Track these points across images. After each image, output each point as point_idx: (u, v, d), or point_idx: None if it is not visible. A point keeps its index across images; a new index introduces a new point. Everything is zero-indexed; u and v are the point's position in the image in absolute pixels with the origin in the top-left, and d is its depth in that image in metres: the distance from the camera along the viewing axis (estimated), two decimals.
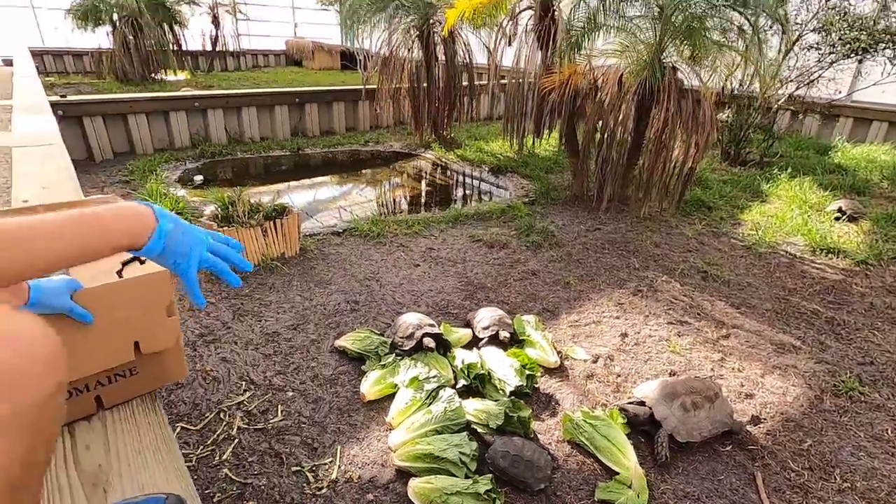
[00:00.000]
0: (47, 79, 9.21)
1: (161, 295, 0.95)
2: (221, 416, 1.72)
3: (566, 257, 3.10)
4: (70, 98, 4.59)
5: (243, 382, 1.88)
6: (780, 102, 5.44)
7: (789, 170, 4.93)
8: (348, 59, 12.83)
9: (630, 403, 1.78)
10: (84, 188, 2.45)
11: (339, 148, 5.76)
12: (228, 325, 2.21)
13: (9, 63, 9.23)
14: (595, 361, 2.11)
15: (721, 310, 2.59)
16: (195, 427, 1.66)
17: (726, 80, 4.71)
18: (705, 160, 5.29)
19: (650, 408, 1.72)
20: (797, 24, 5.27)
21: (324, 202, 4.28)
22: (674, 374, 2.06)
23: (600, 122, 3.66)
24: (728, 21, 3.39)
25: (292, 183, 4.85)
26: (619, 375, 2.04)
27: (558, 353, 2.12)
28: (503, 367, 1.92)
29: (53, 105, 4.21)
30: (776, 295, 2.76)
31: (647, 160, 3.66)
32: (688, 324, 2.44)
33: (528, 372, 1.92)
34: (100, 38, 9.93)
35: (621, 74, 3.50)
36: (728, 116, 5.55)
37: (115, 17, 9.34)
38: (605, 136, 3.63)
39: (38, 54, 10.08)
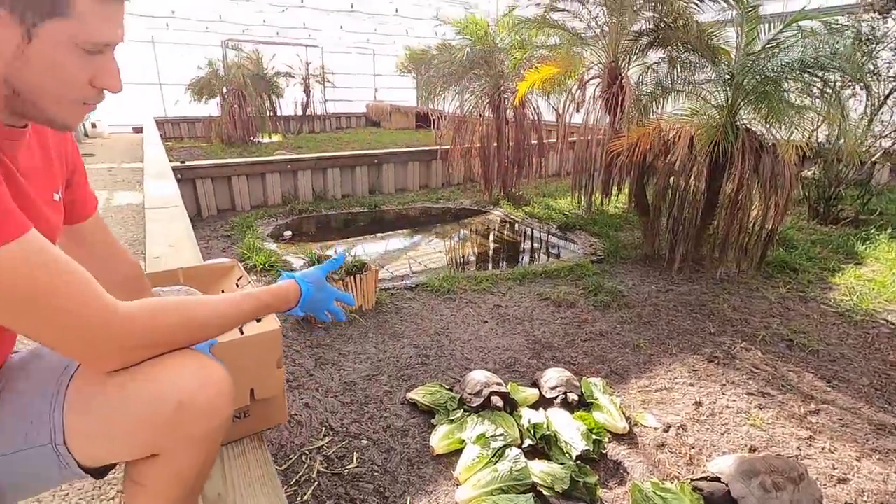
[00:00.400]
0: (167, 143, 10.68)
1: (273, 350, 1.13)
2: (303, 458, 1.86)
3: (636, 319, 3.06)
4: (187, 163, 5.32)
5: (323, 428, 2.03)
6: (876, 157, 5.12)
7: (889, 229, 4.56)
8: (422, 119, 13.67)
9: (704, 479, 1.71)
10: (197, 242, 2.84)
11: (413, 205, 6.11)
12: (311, 372, 2.41)
13: (139, 130, 10.85)
14: (666, 430, 2.06)
15: (809, 382, 2.43)
16: (280, 467, 1.81)
17: (809, 136, 4.55)
18: (789, 218, 5.04)
19: (726, 484, 1.65)
20: (890, 76, 5.04)
21: (396, 255, 4.55)
22: (753, 450, 1.95)
23: (671, 180, 3.67)
24: (807, 84, 3.34)
25: (369, 237, 5.20)
26: (693, 447, 1.97)
27: (627, 418, 2.09)
28: (569, 430, 1.93)
29: (174, 170, 4.90)
30: (875, 369, 2.54)
31: (722, 220, 3.59)
32: (770, 396, 2.31)
33: (594, 437, 1.91)
34: (210, 108, 11.43)
35: (692, 136, 3.52)
36: (814, 172, 5.29)
37: (225, 90, 10.75)
38: (677, 195, 3.62)
39: (160, 122, 11.71)
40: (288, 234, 4.87)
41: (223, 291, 1.46)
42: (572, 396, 2.12)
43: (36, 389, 0.79)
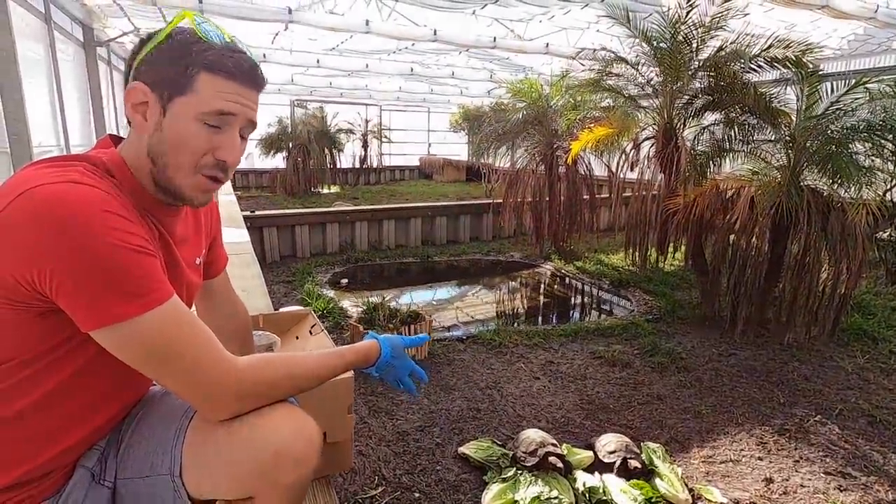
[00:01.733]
0: (236, 192, 11.52)
1: (346, 396, 1.21)
2: None
3: (696, 383, 2.93)
4: (256, 213, 5.73)
5: (376, 477, 2.05)
6: None
7: None
8: (473, 173, 14.08)
9: None
10: None
11: (463, 256, 6.23)
12: (365, 419, 2.46)
13: None
14: None
15: None
16: None
17: (884, 195, 4.34)
18: (864, 282, 4.72)
19: None
20: None
21: (447, 305, 4.61)
22: None
23: (731, 240, 3.58)
24: (877, 145, 3.24)
25: (421, 287, 5.32)
26: None
27: (690, 490, 1.98)
28: (625, 498, 1.86)
29: (245, 218, 5.29)
30: None
31: (788, 283, 3.44)
32: (852, 477, 2.13)
33: None
34: (276, 161, 12.31)
35: (752, 196, 3.46)
36: (891, 234, 4.99)
37: (291, 145, 11.59)
38: (738, 255, 3.51)
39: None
40: (344, 281, 5.07)
41: (297, 338, 1.57)
42: (634, 463, 2.04)
43: (166, 423, 0.91)
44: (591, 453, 2.18)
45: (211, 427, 0.85)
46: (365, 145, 14.83)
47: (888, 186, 4.09)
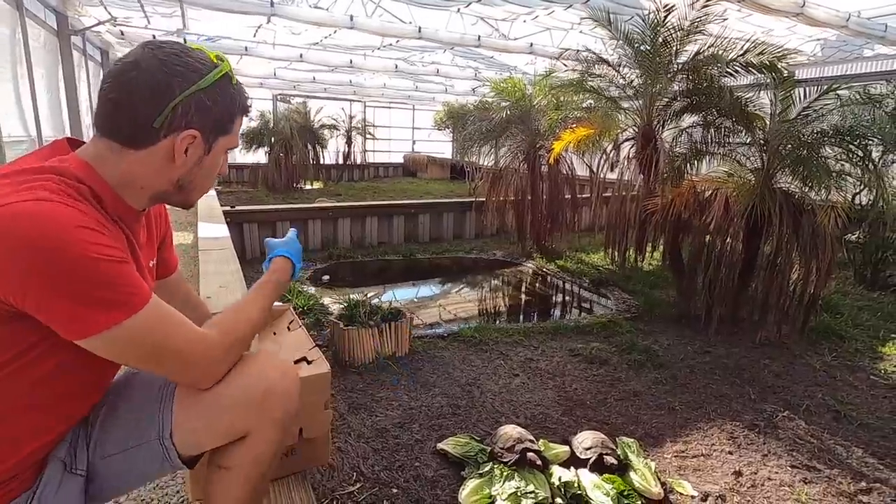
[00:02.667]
0: (216, 188, 11.34)
1: (322, 391, 1.21)
2: (334, 503, 1.89)
3: (671, 380, 3.00)
4: (237, 208, 5.66)
5: (354, 473, 2.05)
6: None
7: None
8: (457, 171, 14.10)
9: None
10: None
11: (446, 254, 6.24)
12: (344, 416, 2.46)
13: None
14: (704, 500, 1.98)
15: (859, 458, 2.30)
16: None
17: (852, 199, 4.49)
18: (834, 282, 4.88)
19: None
20: None
21: (429, 303, 4.62)
22: None
23: (707, 240, 3.66)
24: (846, 150, 3.35)
25: (403, 284, 5.32)
26: None
27: (662, 484, 2.03)
28: (599, 493, 1.90)
29: (225, 213, 5.22)
30: None
31: (761, 282, 3.53)
32: (817, 470, 2.20)
33: (626, 501, 1.87)
34: (258, 157, 12.15)
35: (727, 197, 3.54)
36: (859, 236, 5.16)
37: (273, 140, 11.45)
38: (713, 255, 3.60)
39: None
40: (326, 278, 5.04)
41: (275, 333, 1.56)
42: (610, 459, 2.06)
43: (146, 394, 0.96)
44: (567, 448, 2.21)
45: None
46: (349, 141, 14.72)
47: (856, 190, 4.25)
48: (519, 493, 1.85)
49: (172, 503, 1.61)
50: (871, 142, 3.22)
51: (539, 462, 2.02)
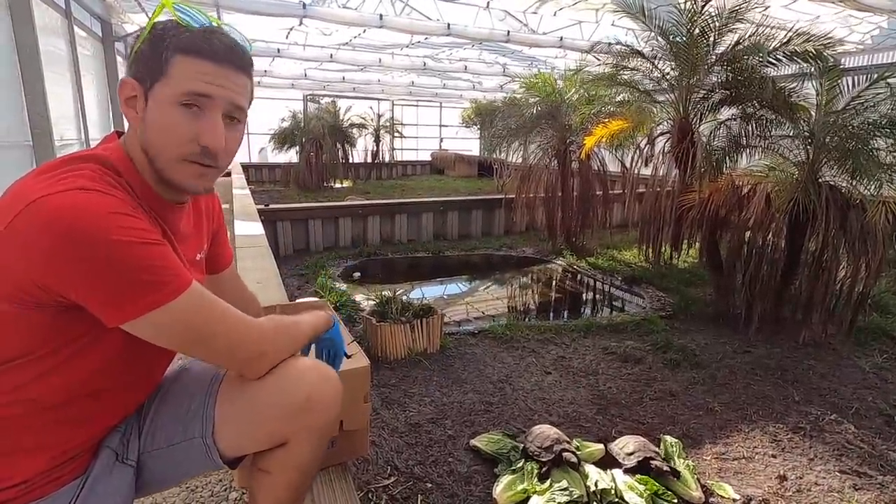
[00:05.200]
0: (249, 186, 11.64)
1: (362, 384, 1.23)
2: (370, 496, 1.92)
3: (709, 380, 2.92)
4: (271, 206, 5.80)
5: (389, 467, 2.08)
6: None
7: None
8: (484, 168, 14.04)
9: None
10: None
11: (475, 251, 6.24)
12: (378, 411, 2.49)
13: (227, 174, 11.95)
14: (747, 503, 1.93)
15: None
16: None
17: None
18: (884, 281, 4.64)
19: None
20: None
21: (458, 300, 4.63)
22: None
23: (746, 236, 3.54)
24: None
25: (432, 281, 5.35)
26: None
27: (702, 487, 1.98)
28: (633, 495, 1.86)
29: (259, 212, 5.35)
30: None
31: (805, 280, 3.39)
32: (868, 476, 2.11)
33: (661, 501, 1.83)
34: (289, 156, 12.40)
35: (768, 192, 3.41)
36: None
37: (304, 140, 11.66)
38: (753, 252, 3.48)
39: (245, 167, 12.81)
40: (357, 275, 5.11)
41: None
42: (656, 463, 1.99)
43: (193, 392, 0.96)
44: (601, 447, 2.18)
45: (244, 385, 0.91)
46: (377, 140, 14.85)
47: None
48: (554, 490, 1.84)
49: (216, 490, 1.66)
50: None
51: (575, 460, 2.00)
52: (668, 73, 4.37)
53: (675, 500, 1.90)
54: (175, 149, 0.81)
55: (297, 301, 1.78)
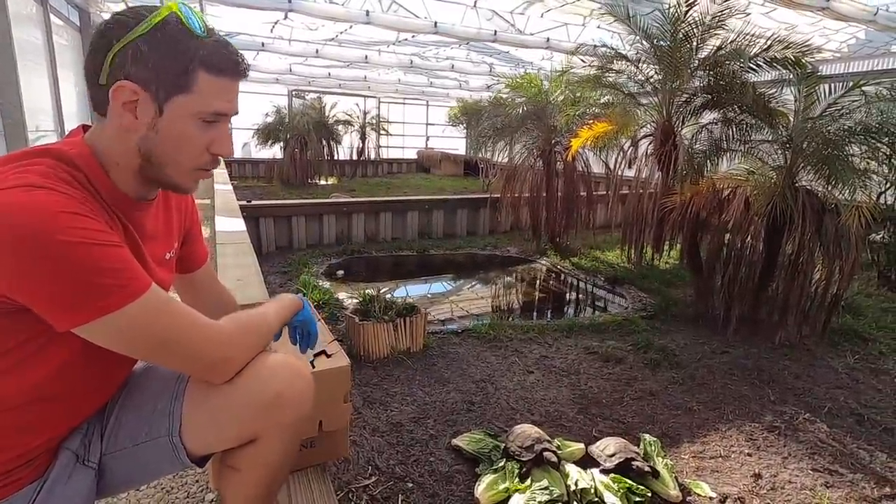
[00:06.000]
0: (232, 182, 11.46)
1: (342, 384, 1.21)
2: (350, 496, 1.90)
3: (688, 380, 2.96)
4: (253, 202, 5.71)
5: (370, 467, 2.07)
6: None
7: None
8: (471, 168, 14.06)
9: None
10: None
11: (460, 250, 6.24)
12: (359, 410, 2.47)
13: None
14: (723, 502, 1.96)
15: (884, 463, 2.25)
16: None
17: (878, 198, 4.37)
18: (856, 284, 4.77)
19: None
20: None
21: (442, 299, 4.62)
22: None
23: (726, 239, 3.60)
24: (872, 147, 3.26)
25: (416, 280, 5.33)
26: None
27: (680, 485, 2.01)
28: (610, 494, 1.88)
29: (241, 208, 5.27)
30: None
31: (781, 282, 3.47)
32: (839, 474, 2.16)
33: (636, 499, 1.85)
34: (273, 151, 12.25)
35: (747, 196, 3.48)
36: (884, 236, 5.04)
37: (289, 136, 11.53)
38: (732, 254, 3.54)
39: (228, 163, 12.61)
40: (340, 273, 5.07)
41: None
42: (637, 464, 2.01)
43: (158, 391, 0.94)
44: (582, 446, 2.20)
45: (213, 383, 0.89)
46: (363, 137, 14.75)
47: (882, 189, 4.14)
48: (535, 489, 1.84)
49: (192, 491, 1.63)
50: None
51: (555, 460, 2.00)
52: (651, 77, 4.42)
53: (649, 494, 1.92)
54: (191, 160, 0.83)
55: (260, 303, 1.75)
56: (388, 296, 3.47)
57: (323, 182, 12.05)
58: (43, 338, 0.77)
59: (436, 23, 7.22)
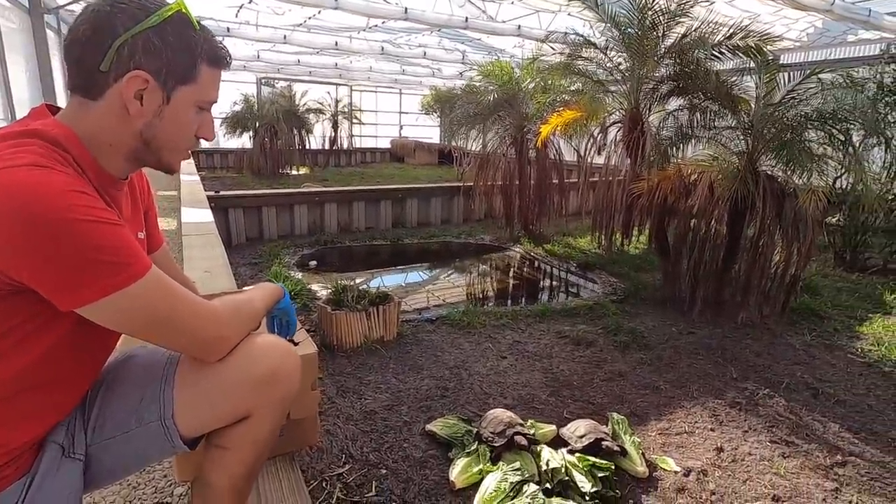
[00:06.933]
0: (200, 172, 11.13)
1: (310, 372, 1.21)
2: (324, 485, 1.90)
3: (656, 360, 3.05)
4: (221, 193, 5.57)
5: (343, 455, 2.07)
6: None
7: None
8: (445, 157, 14.01)
9: None
10: None
11: (434, 239, 6.23)
12: (333, 399, 2.46)
13: None
14: (687, 475, 2.04)
15: (835, 433, 2.38)
16: None
17: (833, 182, 4.55)
18: (814, 264, 4.98)
19: None
20: None
21: (417, 288, 4.63)
22: (777, 500, 1.92)
23: (692, 223, 3.70)
24: (829, 134, 3.38)
25: (391, 269, 5.31)
26: (714, 493, 1.94)
27: (647, 461, 2.07)
28: (578, 471, 1.93)
29: (209, 199, 5.13)
30: None
31: (744, 264, 3.59)
32: (795, 445, 2.27)
33: (600, 474, 1.90)
34: (243, 141, 11.94)
35: (712, 181, 3.57)
36: (839, 219, 5.26)
37: (258, 124, 11.25)
38: (697, 238, 3.64)
39: (195, 153, 12.23)
40: (313, 263, 5.01)
41: None
42: (607, 443, 2.06)
43: (146, 377, 0.94)
44: (553, 427, 2.25)
45: (205, 364, 0.91)
46: (335, 126, 14.52)
47: (837, 174, 4.31)
48: (506, 470, 1.88)
49: (160, 486, 1.60)
50: (852, 126, 3.26)
51: (525, 443, 2.03)
52: (620, 64, 4.48)
53: (613, 467, 1.97)
54: (186, 143, 0.91)
55: (245, 289, 1.72)
56: (363, 286, 3.44)
57: (294, 172, 11.83)
58: (30, 324, 0.76)
59: (406, 9, 7.12)
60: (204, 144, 12.18)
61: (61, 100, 6.84)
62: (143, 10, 0.80)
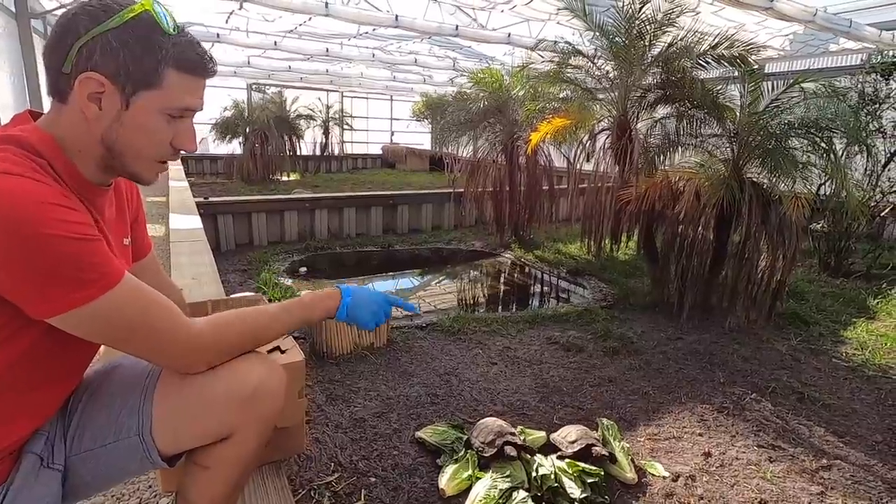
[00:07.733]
0: (189, 178, 11.04)
1: (296, 380, 1.20)
2: (312, 493, 1.88)
3: (645, 366, 3.07)
4: (210, 199, 5.53)
5: (332, 463, 2.05)
6: (885, 212, 5.18)
7: None
8: (436, 162, 14.04)
9: None
10: None
11: (425, 245, 6.24)
12: (322, 407, 2.44)
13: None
14: (675, 480, 2.05)
15: (821, 437, 2.40)
16: None
17: (817, 189, 4.63)
18: (800, 270, 5.05)
19: None
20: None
21: (408, 294, 4.62)
22: None
23: (679, 229, 3.74)
24: (812, 142, 3.45)
25: (382, 275, 5.30)
26: (702, 498, 1.95)
27: (636, 467, 2.08)
28: (567, 478, 1.93)
29: (198, 205, 5.10)
30: (889, 426, 2.51)
31: (730, 270, 3.63)
32: (781, 449, 2.29)
33: (589, 480, 1.91)
34: (233, 147, 11.88)
35: (697, 188, 3.62)
36: (823, 225, 5.34)
37: (248, 130, 11.21)
38: (685, 244, 3.68)
39: (184, 159, 12.14)
40: (303, 270, 4.99)
41: None
42: (597, 449, 2.06)
43: (125, 390, 0.92)
44: (543, 434, 2.25)
45: (188, 378, 0.89)
46: (326, 132, 14.50)
47: (821, 181, 4.39)
48: (496, 477, 1.88)
49: (145, 497, 1.58)
50: (834, 134, 3.33)
51: (514, 453, 2.02)
52: (608, 72, 4.53)
53: (602, 473, 1.97)
54: (153, 151, 0.85)
55: (231, 296, 1.71)
56: None
57: (285, 178, 11.79)
58: (12, 326, 0.75)
59: (397, 16, 7.16)
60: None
61: (48, 106, 6.76)
62: (106, 11, 0.77)
